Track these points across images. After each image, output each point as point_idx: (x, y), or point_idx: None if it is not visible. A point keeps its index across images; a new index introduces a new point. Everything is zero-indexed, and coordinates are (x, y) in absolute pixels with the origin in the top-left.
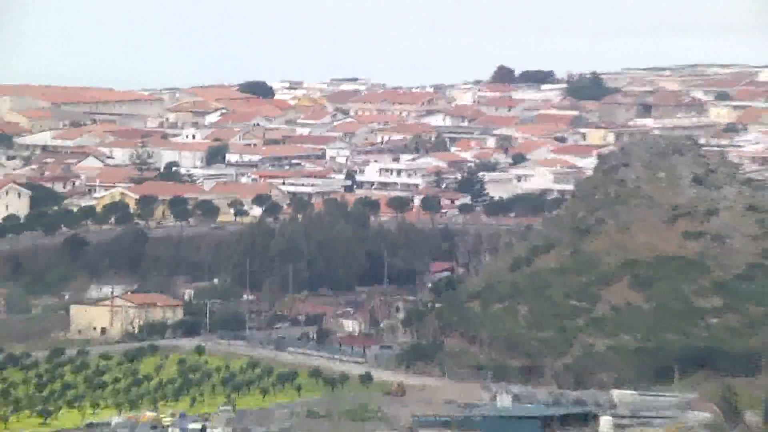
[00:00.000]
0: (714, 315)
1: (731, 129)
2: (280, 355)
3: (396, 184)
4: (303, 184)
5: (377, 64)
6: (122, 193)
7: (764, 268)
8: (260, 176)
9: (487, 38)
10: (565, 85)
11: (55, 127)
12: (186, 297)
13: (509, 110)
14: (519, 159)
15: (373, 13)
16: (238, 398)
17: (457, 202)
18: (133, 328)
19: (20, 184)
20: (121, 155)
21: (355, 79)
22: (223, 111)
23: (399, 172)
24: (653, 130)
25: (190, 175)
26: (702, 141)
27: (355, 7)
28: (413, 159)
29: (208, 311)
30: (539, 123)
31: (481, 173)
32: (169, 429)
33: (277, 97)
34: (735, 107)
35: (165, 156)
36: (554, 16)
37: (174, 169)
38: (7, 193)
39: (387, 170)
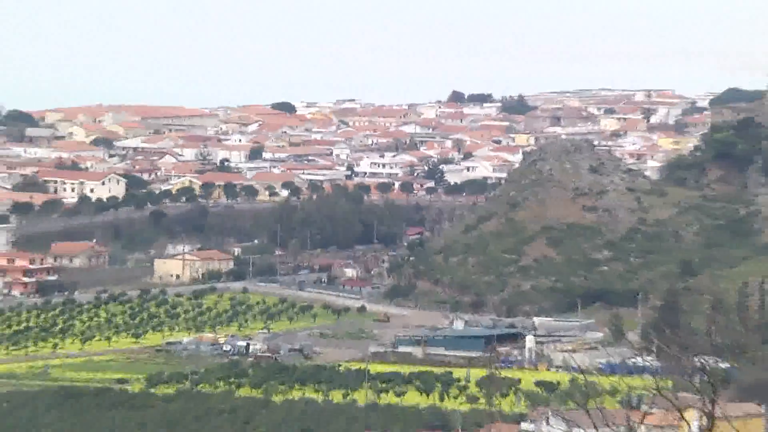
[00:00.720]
0: (605, 264)
1: (615, 134)
2: (301, 293)
3: (382, 173)
4: (316, 174)
5: (368, 89)
6: (190, 181)
7: (640, 231)
8: (287, 168)
9: (445, 69)
10: (500, 104)
11: (143, 134)
12: (235, 253)
13: (461, 121)
14: (468, 156)
15: (365, 51)
16: (272, 324)
17: (425, 186)
18: (198, 275)
19: (119, 174)
20: (189, 154)
21: (353, 100)
22: (260, 122)
23: (384, 165)
24: (561, 135)
25: (237, 168)
26: (595, 143)
27: (352, 47)
28: (394, 156)
29: (250, 263)
30: (482, 130)
31: (441, 165)
32: (223, 345)
33: (298, 112)
34: (618, 119)
35: (220, 154)
36: (493, 52)
37: (226, 163)
38: (109, 180)
39: (375, 164)
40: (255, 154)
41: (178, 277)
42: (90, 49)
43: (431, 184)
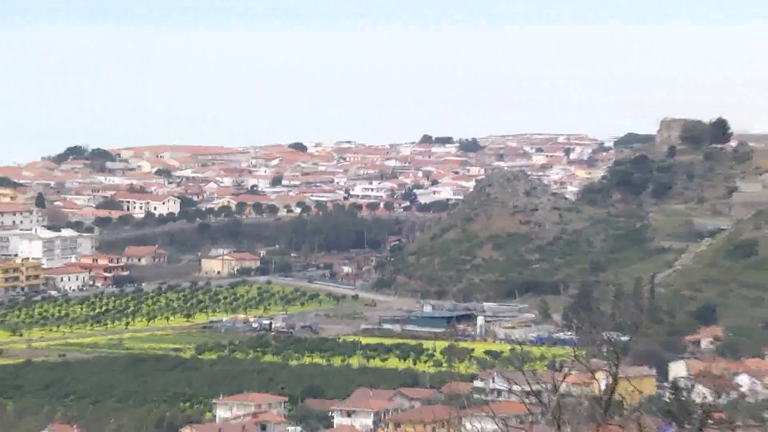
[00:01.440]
0: (535, 263)
1: (544, 167)
2: (310, 284)
3: (370, 196)
4: (321, 196)
5: (360, 133)
6: (228, 201)
7: (561, 239)
8: (299, 192)
9: (418, 118)
10: (458, 144)
11: (193, 166)
12: (261, 254)
13: (429, 157)
14: (434, 182)
15: (358, 105)
16: (288, 307)
17: (402, 205)
18: (233, 270)
19: (175, 196)
20: (227, 181)
21: (349, 142)
22: (280, 158)
23: (372, 189)
24: (504, 168)
25: (263, 191)
26: (528, 173)
27: (348, 102)
28: (379, 183)
29: (272, 262)
30: (444, 164)
31: (414, 190)
32: (252, 323)
33: (308, 150)
34: (546, 156)
35: (250, 182)
36: (453, 105)
37: (255, 188)
38: (168, 201)
39: (366, 188)
40: (276, 181)
41: (218, 272)
42: (152, 100)
43: (407, 203)
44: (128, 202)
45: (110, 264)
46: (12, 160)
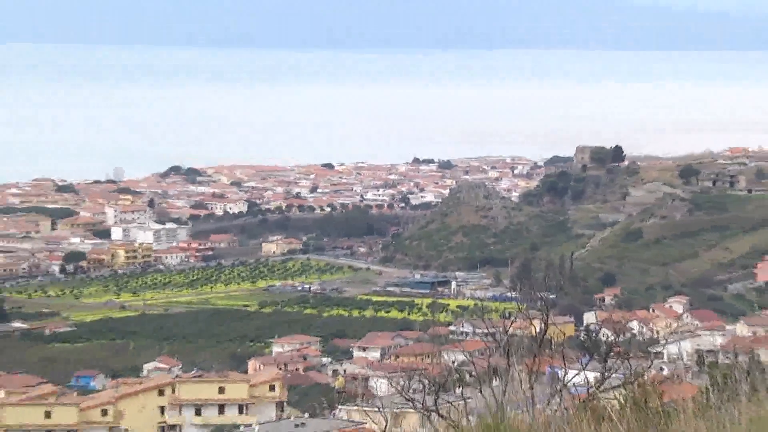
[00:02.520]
0: (492, 246)
1: (497, 180)
2: (337, 260)
3: (378, 200)
4: (345, 200)
5: (371, 155)
6: (281, 204)
7: (509, 229)
8: (329, 197)
9: (410, 146)
10: (437, 164)
11: (256, 179)
12: (303, 239)
13: (418, 173)
14: (422, 190)
15: (368, 136)
16: (322, 276)
17: (400, 206)
18: (284, 251)
19: (243, 200)
20: (279, 190)
21: (363, 162)
22: (315, 173)
23: (379, 195)
24: (469, 180)
25: (304, 196)
26: (486, 184)
27: (361, 131)
28: (384, 191)
29: (310, 245)
30: (429, 178)
31: (408, 195)
32: (297, 287)
33: (335, 168)
34: (498, 172)
35: (295, 190)
36: (434, 137)
37: (299, 194)
38: (239, 203)
39: (375, 195)
40: (313, 189)
41: (273, 252)
42: (228, 133)
43: (403, 204)
44: (212, 204)
45: (199, 246)
46: (132, 175)
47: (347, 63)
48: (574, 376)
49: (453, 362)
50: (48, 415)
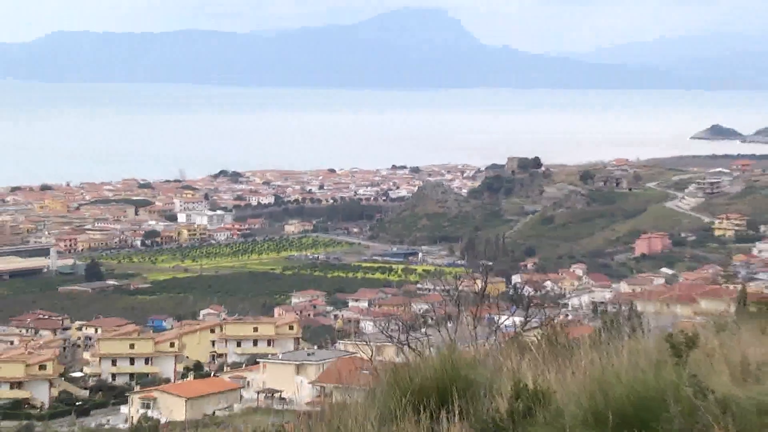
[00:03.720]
0: (447, 227)
1: (451, 180)
2: (338, 237)
3: (367, 194)
4: (344, 194)
5: (361, 162)
6: (297, 197)
7: (459, 216)
8: (332, 192)
9: (389, 156)
10: (408, 169)
11: (281, 180)
12: (314, 222)
13: (395, 175)
14: (398, 188)
15: (361, 146)
16: (326, 249)
17: (382, 199)
18: (300, 231)
19: (271, 194)
20: (297, 187)
21: (356, 168)
22: (322, 176)
23: (368, 191)
24: (432, 181)
25: (314, 192)
26: (444, 183)
27: (354, 144)
28: (371, 188)
29: (318, 227)
30: (403, 179)
31: (389, 191)
32: (310, 257)
33: (337, 171)
34: (452, 174)
35: (308, 187)
36: (407, 150)
37: (310, 190)
38: (268, 197)
39: (365, 191)
40: (321, 187)
41: (292, 231)
42: (260, 142)
43: (385, 198)
44: (249, 197)
45: (239, 227)
46: (192, 176)
47: (345, 98)
48: (505, 320)
49: (419, 310)
50: (132, 346)
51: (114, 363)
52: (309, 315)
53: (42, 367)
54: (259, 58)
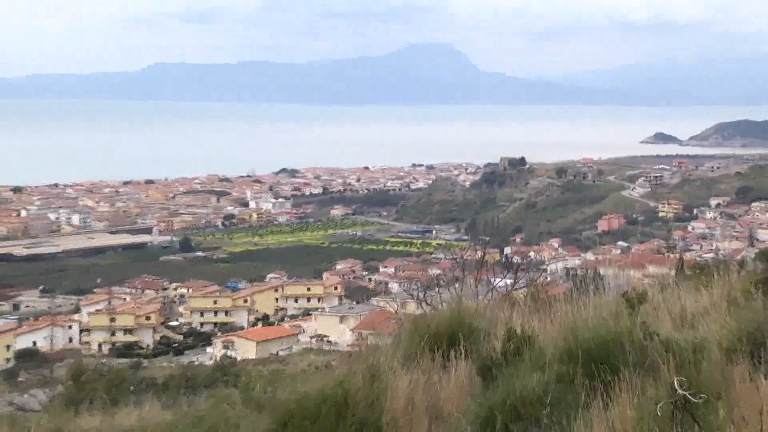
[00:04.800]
0: (455, 212)
1: (458, 175)
2: (371, 219)
3: (394, 185)
4: (376, 186)
5: (388, 161)
6: (340, 188)
7: (464, 201)
8: (368, 184)
9: (410, 155)
10: (425, 167)
11: (327, 175)
12: (353, 208)
13: (415, 170)
14: (416, 181)
15: (390, 150)
16: (363, 227)
17: (404, 189)
18: (343, 214)
19: (320, 186)
20: (340, 181)
21: (385, 166)
22: (360, 172)
23: (394, 183)
24: (442, 175)
25: (353, 185)
26: (452, 178)
27: (385, 147)
28: (396, 181)
29: (356, 211)
30: (420, 174)
31: (410, 183)
32: (350, 234)
33: (371, 168)
34: (458, 170)
35: (348, 181)
36: (421, 150)
37: (350, 183)
38: (317, 188)
39: (392, 183)
40: (358, 180)
41: (336, 215)
42: (309, 146)
43: (407, 188)
44: (303, 188)
45: (296, 212)
46: (261, 173)
47: (375, 113)
48: (499, 282)
49: (434, 274)
50: (215, 302)
51: (201, 315)
52: (349, 278)
53: (147, 317)
54: (312, 82)
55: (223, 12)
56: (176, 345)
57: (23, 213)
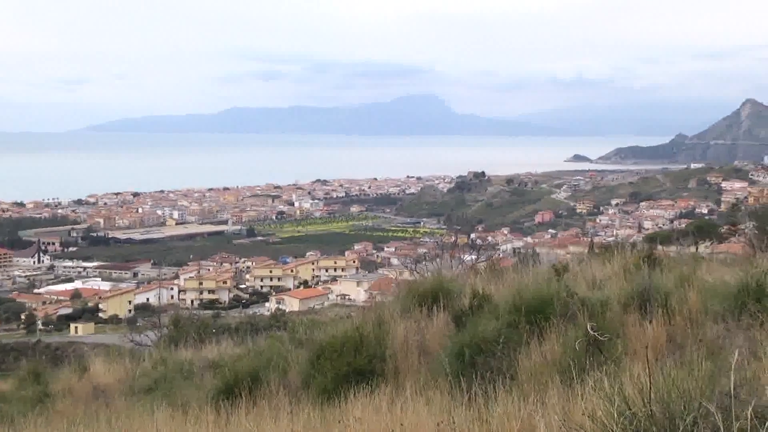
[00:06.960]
0: (437, 209)
1: (439, 184)
2: (378, 215)
3: (396, 192)
4: (383, 191)
5: (395, 173)
6: (356, 192)
7: (444, 202)
8: (378, 191)
9: (407, 168)
10: (416, 178)
11: (348, 181)
12: (366, 206)
13: (408, 180)
14: (410, 187)
15: (390, 164)
16: (372, 220)
17: (402, 194)
18: (359, 211)
19: (343, 191)
20: (356, 188)
21: (388, 177)
22: (372, 181)
23: (395, 189)
24: (428, 184)
25: (367, 190)
26: (434, 185)
27: (388, 163)
28: (395, 187)
29: (369, 209)
30: (412, 183)
31: (405, 189)
32: (365, 224)
33: (379, 179)
34: (440, 180)
35: (363, 187)
36: (415, 164)
37: (365, 188)
38: (342, 193)
39: (392, 188)
40: (370, 187)
41: (355, 211)
42: (339, 162)
43: (403, 193)
44: (331, 192)
45: (327, 209)
46: (302, 181)
47: (381, 141)
48: (468, 257)
49: (422, 252)
50: (271, 271)
51: (261, 280)
52: (364, 255)
53: (224, 282)
54: (341, 120)
55: (283, 73)
56: (244, 301)
57: (140, 210)
